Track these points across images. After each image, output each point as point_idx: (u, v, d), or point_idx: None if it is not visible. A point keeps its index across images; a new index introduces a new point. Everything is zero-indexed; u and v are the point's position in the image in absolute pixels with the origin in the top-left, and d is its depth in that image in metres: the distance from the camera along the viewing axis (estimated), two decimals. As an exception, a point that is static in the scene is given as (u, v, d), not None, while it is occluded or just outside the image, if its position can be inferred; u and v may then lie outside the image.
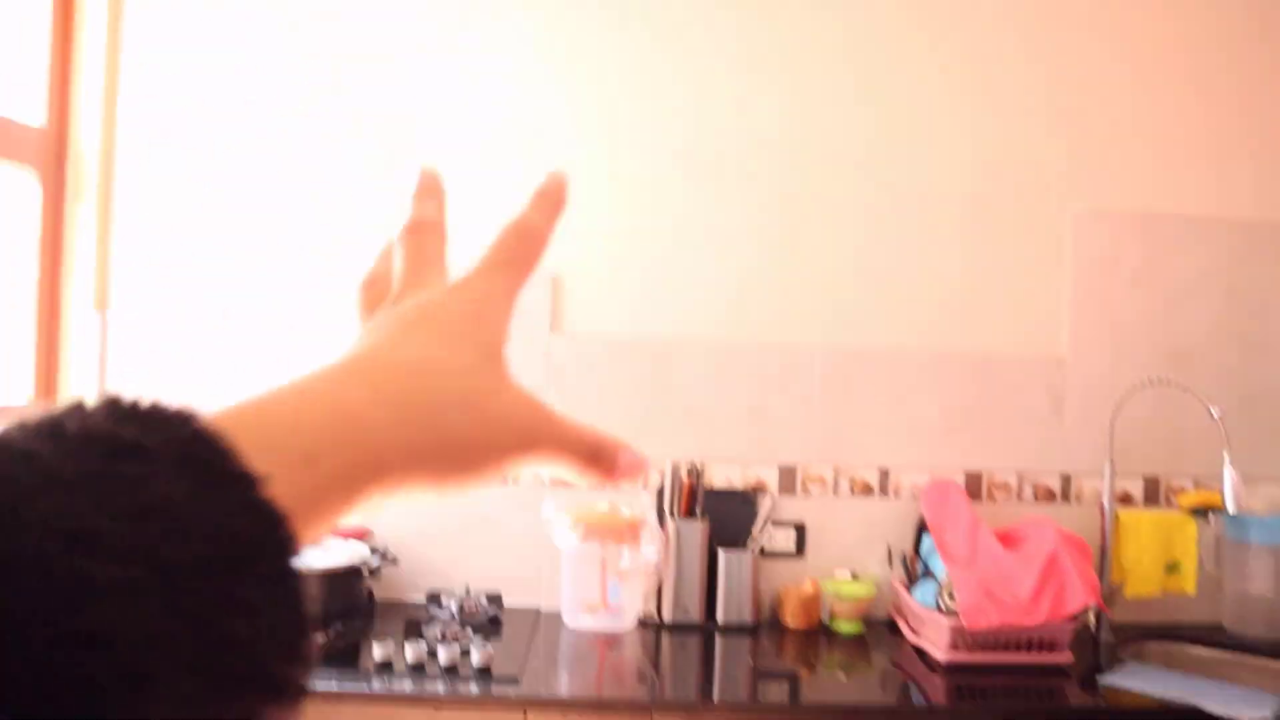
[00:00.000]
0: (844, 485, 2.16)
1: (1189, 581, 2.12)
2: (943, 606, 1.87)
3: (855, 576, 2.12)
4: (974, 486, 2.18)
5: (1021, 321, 2.21)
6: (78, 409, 0.26)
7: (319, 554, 1.72)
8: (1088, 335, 2.22)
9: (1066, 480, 2.21)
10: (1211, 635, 2.11)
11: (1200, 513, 2.13)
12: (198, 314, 2.09)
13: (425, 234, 0.44)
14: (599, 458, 0.41)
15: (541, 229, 0.44)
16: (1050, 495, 2.20)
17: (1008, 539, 2.01)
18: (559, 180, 0.45)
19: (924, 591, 1.96)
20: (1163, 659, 2.05)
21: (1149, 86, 2.24)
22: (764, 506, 2.09)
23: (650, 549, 1.93)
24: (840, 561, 2.15)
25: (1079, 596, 1.83)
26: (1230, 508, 1.95)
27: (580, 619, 1.97)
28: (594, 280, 2.13)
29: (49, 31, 2.00)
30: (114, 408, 0.26)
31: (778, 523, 2.12)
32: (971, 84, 2.21)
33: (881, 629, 2.07)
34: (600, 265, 2.13)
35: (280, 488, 0.27)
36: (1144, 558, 2.11)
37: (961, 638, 1.83)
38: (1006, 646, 1.85)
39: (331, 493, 0.32)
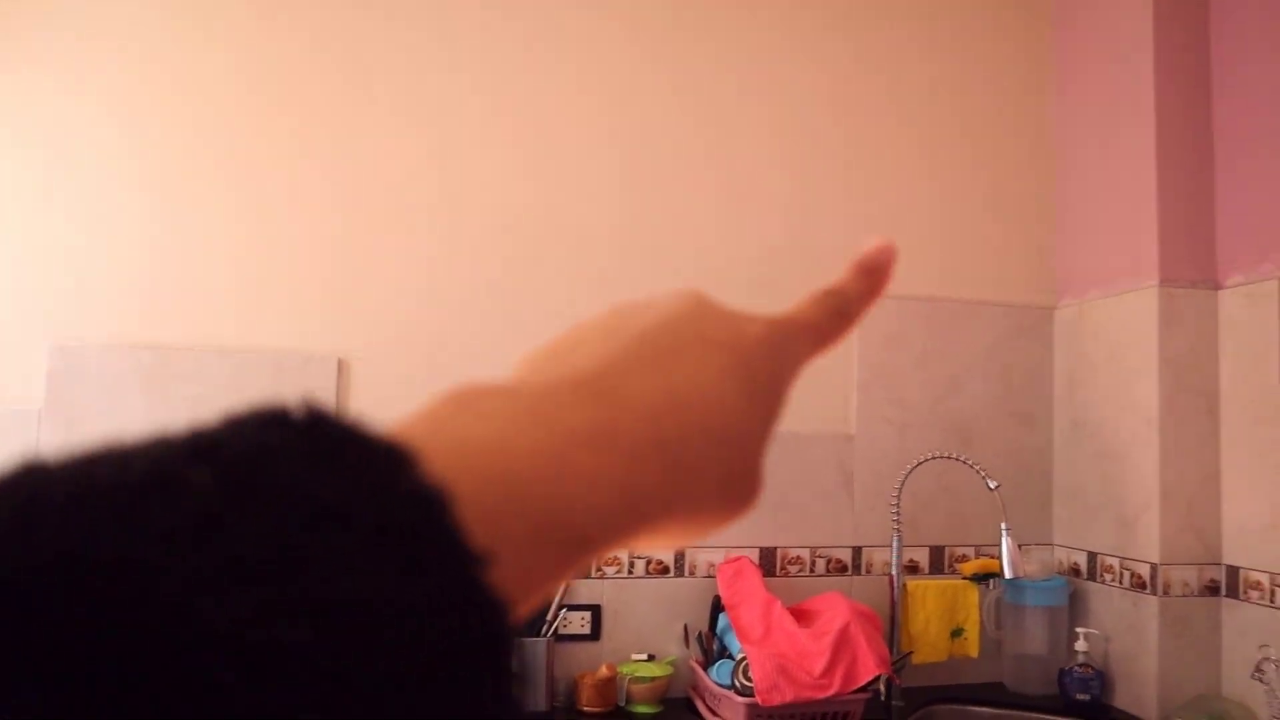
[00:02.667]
0: (639, 566, 2.15)
1: (972, 646, 2.20)
2: (738, 685, 1.87)
3: (652, 658, 2.10)
4: (768, 562, 2.21)
5: (811, 400, 2.28)
6: (276, 427, 0.20)
7: None
8: (875, 413, 2.31)
9: (857, 553, 2.27)
10: (993, 695, 2.20)
11: (981, 579, 2.23)
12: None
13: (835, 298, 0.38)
14: (842, 308, 0.37)
15: (853, 319, 0.38)
16: (842, 568, 2.26)
17: (802, 614, 2.05)
18: (888, 251, 0.39)
19: (720, 670, 1.96)
20: (949, 723, 2.11)
21: (928, 182, 2.39)
22: (558, 589, 2.06)
23: (439, 639, 1.87)
24: (637, 643, 2.13)
25: (870, 668, 1.86)
26: (1007, 573, 2.04)
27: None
28: (381, 364, 2.08)
29: None
30: (314, 437, 0.20)
31: (572, 606, 2.10)
32: (759, 174, 2.30)
33: (679, 709, 2.05)
34: (388, 349, 2.09)
35: (504, 567, 0.21)
36: (931, 625, 2.19)
37: (757, 715, 1.84)
38: (801, 721, 1.87)
39: (562, 563, 0.25)
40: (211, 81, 2.06)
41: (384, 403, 2.07)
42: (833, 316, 0.37)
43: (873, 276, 0.38)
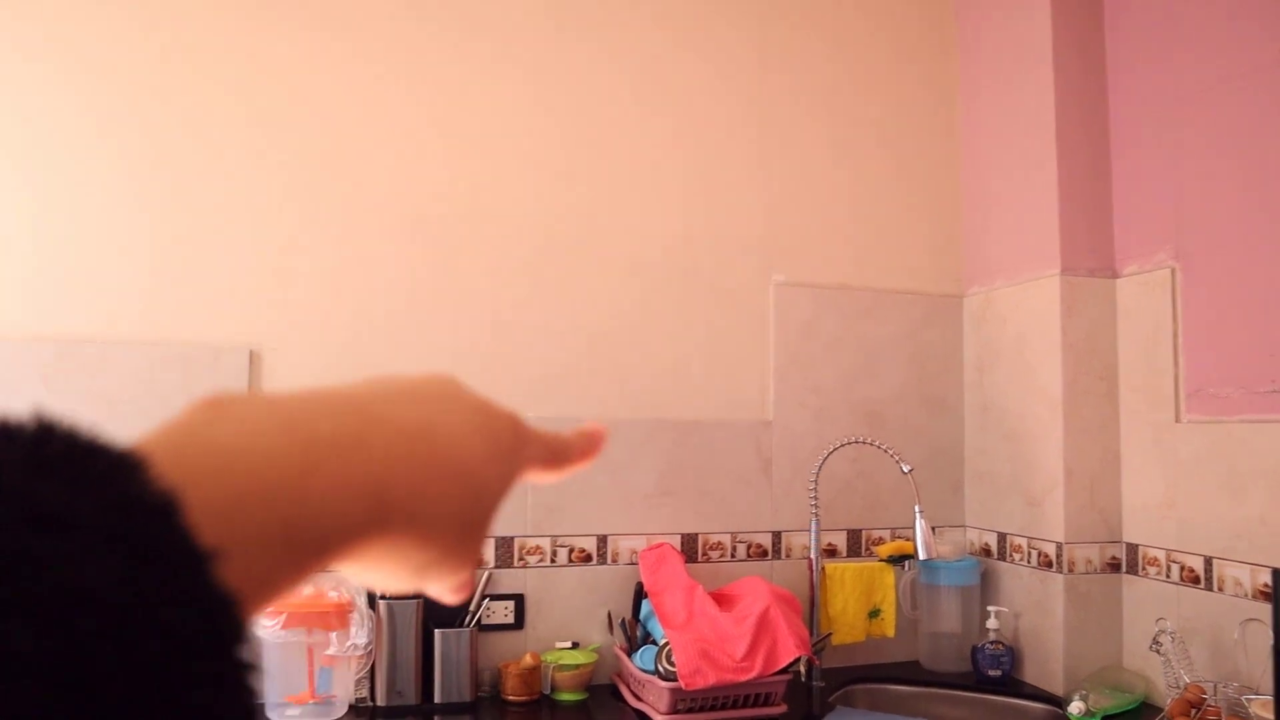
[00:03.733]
0: (562, 554, 2.16)
1: (889, 626, 2.26)
2: (661, 670, 1.89)
3: (576, 645, 2.11)
4: (690, 548, 2.24)
5: (730, 387, 2.31)
6: None
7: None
8: (791, 399, 2.35)
9: (777, 537, 2.31)
10: (910, 673, 2.26)
11: (896, 560, 2.28)
12: None
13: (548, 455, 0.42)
14: (563, 454, 0.42)
15: (568, 462, 0.43)
16: (762, 552, 2.30)
17: (723, 599, 2.07)
18: (600, 434, 0.45)
19: (644, 656, 1.98)
20: (868, 700, 2.16)
21: (840, 174, 2.44)
22: (480, 580, 2.05)
23: (360, 632, 1.85)
24: (561, 631, 2.13)
25: (790, 650, 1.89)
26: (922, 554, 2.09)
27: (286, 711, 1.85)
28: (295, 355, 2.04)
29: None
30: (40, 450, 0.21)
31: (496, 596, 2.09)
32: (680, 165, 2.32)
33: (604, 695, 2.06)
34: (301, 340, 2.05)
35: (238, 564, 0.23)
36: (849, 606, 2.23)
37: (681, 699, 1.86)
38: (724, 705, 1.90)
39: (302, 563, 0.27)
40: (116, 68, 1.99)
41: (300, 395, 2.03)
42: (557, 454, 0.42)
43: (587, 445, 0.44)
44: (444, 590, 0.37)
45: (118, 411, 1.92)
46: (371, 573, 0.33)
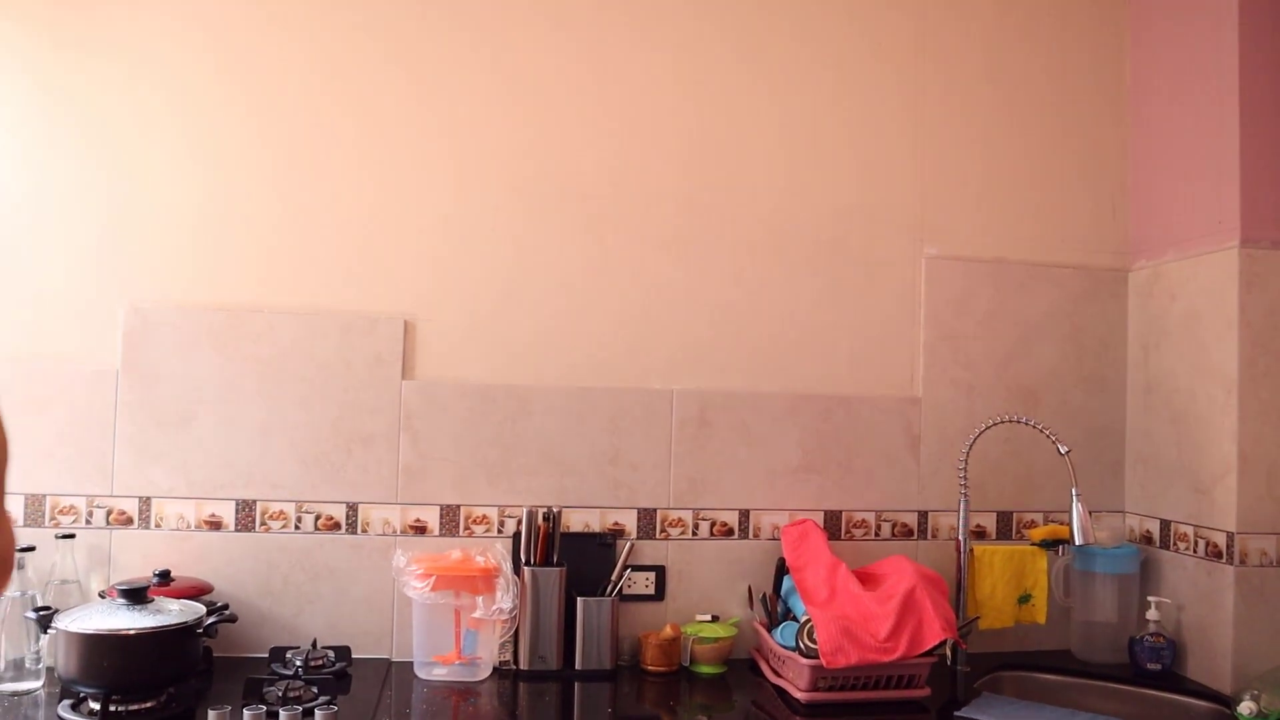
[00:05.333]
0: (704, 527, 2.15)
1: (1040, 612, 2.17)
2: (803, 647, 1.87)
3: (716, 619, 2.11)
4: (833, 525, 2.20)
5: (877, 362, 2.26)
6: None
7: (148, 614, 1.63)
8: (941, 375, 2.28)
9: (923, 517, 2.25)
10: (1060, 662, 2.17)
11: (1049, 545, 2.19)
12: None
13: None
14: None
15: None
16: (908, 532, 2.24)
17: (867, 577, 2.03)
18: None
19: (784, 632, 1.96)
20: (1015, 688, 2.09)
21: (997, 141, 2.34)
22: (623, 551, 2.06)
23: (505, 597, 1.89)
24: (701, 604, 2.14)
25: (935, 632, 1.84)
26: (1078, 540, 2.00)
27: (433, 670, 1.91)
28: (447, 326, 2.10)
29: None
30: None
31: (637, 567, 2.11)
32: (828, 134, 2.26)
33: (743, 670, 2.06)
34: (453, 310, 2.10)
35: None
36: (998, 590, 2.16)
37: (821, 677, 1.83)
38: (866, 684, 1.86)
39: None
40: (278, 50, 2.07)
41: (449, 363, 2.08)
42: None
43: None
44: None
45: (278, 375, 2.02)
46: None
